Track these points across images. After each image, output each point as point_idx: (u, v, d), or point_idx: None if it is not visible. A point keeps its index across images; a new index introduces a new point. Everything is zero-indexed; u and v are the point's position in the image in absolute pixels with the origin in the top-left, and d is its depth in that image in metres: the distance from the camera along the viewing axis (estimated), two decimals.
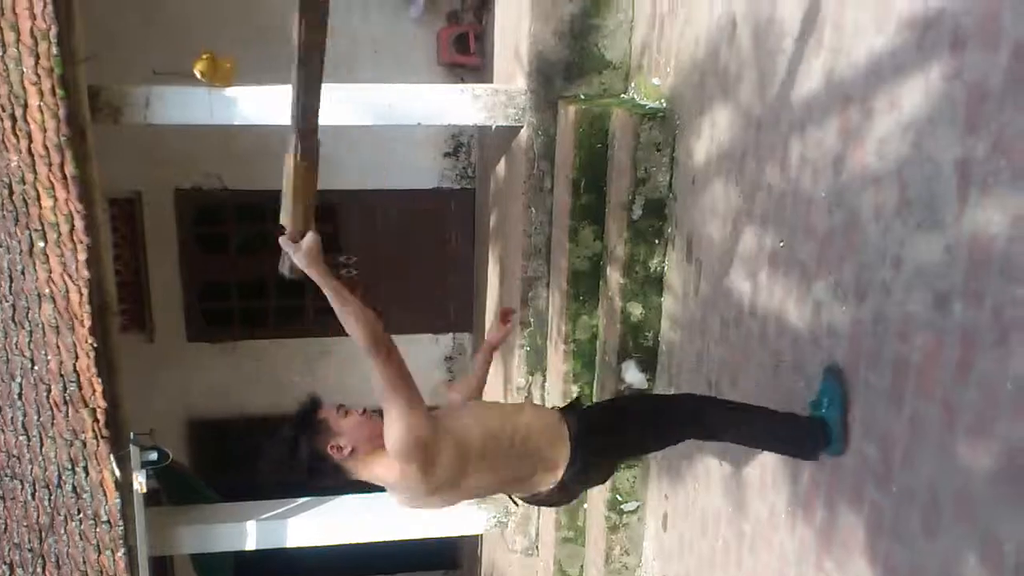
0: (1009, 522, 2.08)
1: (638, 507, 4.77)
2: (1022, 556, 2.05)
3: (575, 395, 2.89)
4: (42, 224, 4.71)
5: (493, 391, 6.76)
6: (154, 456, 4.91)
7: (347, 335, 2.40)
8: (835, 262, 2.83)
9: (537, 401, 5.59)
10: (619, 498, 4.75)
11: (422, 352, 7.92)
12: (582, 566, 5.29)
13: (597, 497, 4.97)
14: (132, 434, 4.90)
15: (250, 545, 5.71)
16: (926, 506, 2.40)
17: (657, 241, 4.40)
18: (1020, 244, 2.05)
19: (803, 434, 2.82)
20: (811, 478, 3.00)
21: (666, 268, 4.42)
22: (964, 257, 2.24)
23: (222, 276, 7.57)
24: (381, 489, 5.90)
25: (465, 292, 7.76)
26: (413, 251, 7.67)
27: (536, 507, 5.74)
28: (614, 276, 4.57)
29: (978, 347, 2.19)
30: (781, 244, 3.17)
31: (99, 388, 4.79)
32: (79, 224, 4.66)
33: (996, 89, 2.13)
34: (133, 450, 4.84)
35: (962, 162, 2.25)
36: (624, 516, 4.77)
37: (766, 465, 3.35)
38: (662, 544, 4.56)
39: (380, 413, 2.49)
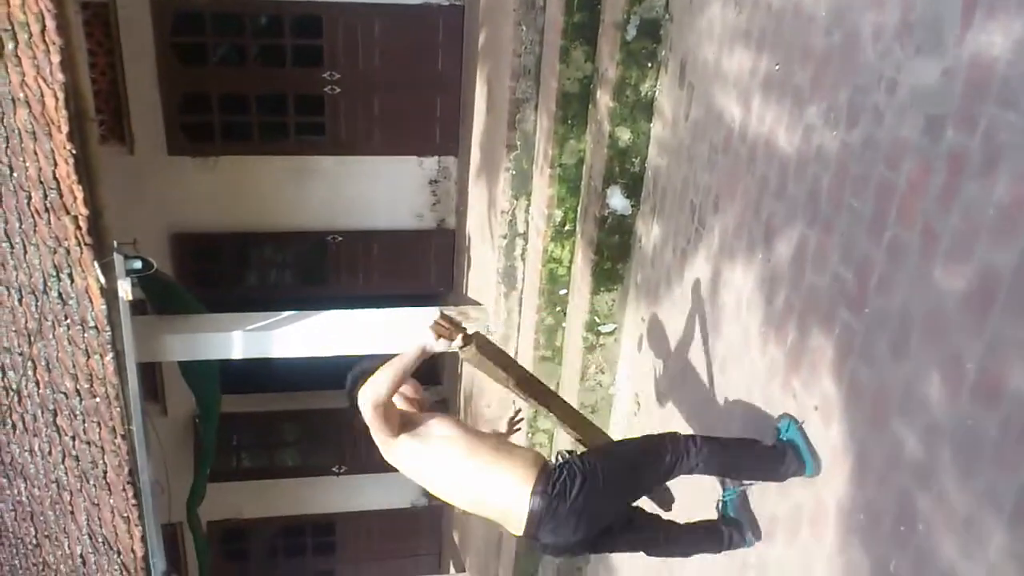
0: (973, 342, 2.16)
1: (615, 329, 4.90)
2: (981, 375, 2.14)
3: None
4: (11, 23, 4.50)
5: (478, 220, 6.77)
6: (138, 265, 4.93)
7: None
8: (829, 86, 2.78)
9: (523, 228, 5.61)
10: (597, 320, 4.87)
11: (407, 175, 7.87)
12: (558, 383, 5.49)
13: (576, 319, 5.09)
14: (115, 243, 4.90)
15: (236, 354, 5.86)
16: (896, 328, 2.48)
17: (650, 64, 4.29)
18: (1019, 68, 2.02)
19: (776, 457, 2.94)
20: (786, 300, 3.08)
21: (657, 92, 4.33)
22: (961, 81, 2.21)
23: (202, 88, 7.36)
24: (364, 304, 6.04)
25: (452, 114, 7.61)
26: (399, 70, 7.45)
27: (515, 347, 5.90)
28: (604, 100, 4.48)
29: (965, 173, 2.20)
30: (776, 67, 3.10)
31: (80, 195, 4.74)
32: (50, 24, 4.46)
33: None
34: (117, 258, 4.85)
35: None
36: (601, 337, 4.91)
37: (742, 291, 3.42)
38: (637, 364, 4.72)
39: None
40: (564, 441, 5.31)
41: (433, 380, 9.45)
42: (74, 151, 4.66)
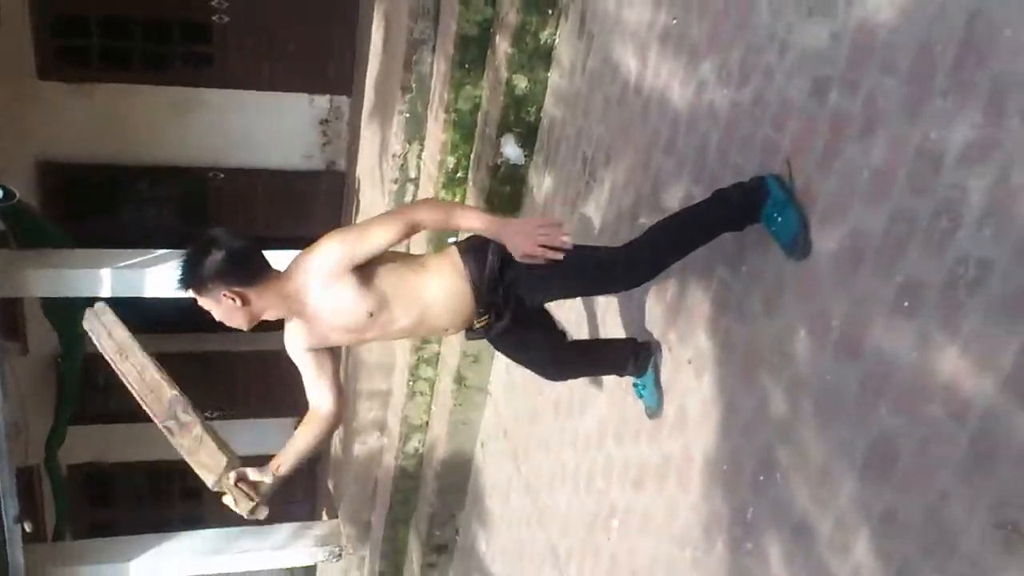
0: (839, 299, 2.24)
1: None
2: (845, 331, 2.23)
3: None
4: None
5: (368, 163, 6.62)
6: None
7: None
8: (724, 43, 2.81)
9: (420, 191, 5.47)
10: None
11: (296, 114, 7.62)
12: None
13: None
14: None
15: (104, 292, 5.56)
16: (770, 286, 2.55)
17: (551, 11, 4.24)
18: (901, 35, 2.08)
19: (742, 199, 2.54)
20: None
21: (557, 41, 4.29)
22: (848, 45, 2.26)
23: (79, 9, 6.89)
24: None
25: (346, 51, 7.38)
26: (293, 2, 7.16)
27: None
28: (503, 45, 4.41)
29: (845, 136, 2.25)
30: (674, 21, 3.11)
31: None
32: None
33: None
34: None
35: None
36: None
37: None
38: None
39: None
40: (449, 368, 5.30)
41: None
42: None
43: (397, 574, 6.40)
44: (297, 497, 9.63)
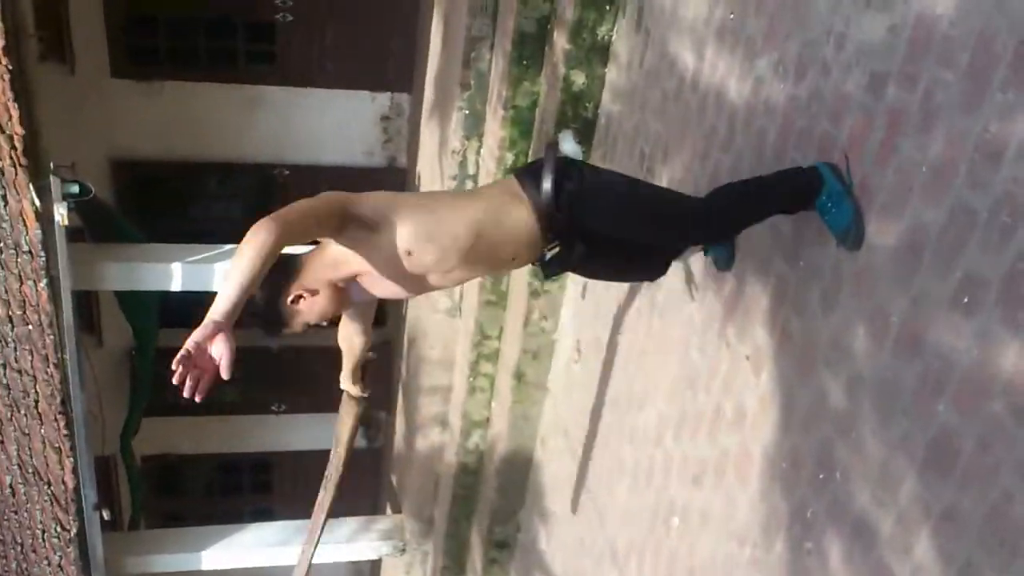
0: (899, 296, 2.22)
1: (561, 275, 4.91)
2: (903, 327, 2.20)
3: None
4: None
5: (428, 160, 6.70)
6: (76, 189, 4.78)
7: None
8: (781, 38, 2.79)
9: (475, 174, 5.50)
10: None
11: (359, 110, 7.75)
12: (502, 328, 5.51)
13: None
14: (52, 164, 4.75)
15: (175, 287, 5.74)
16: (828, 281, 2.53)
17: (608, 7, 4.24)
18: (960, 28, 2.04)
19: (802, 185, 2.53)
20: None
21: (614, 36, 4.29)
22: (906, 39, 2.23)
23: (149, 9, 7.12)
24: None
25: (407, 49, 7.48)
26: (354, 1, 7.28)
27: None
28: (560, 41, 4.43)
29: (903, 131, 2.23)
30: (731, 16, 3.10)
31: (15, 113, 4.56)
32: None
33: None
34: (54, 181, 4.69)
35: None
36: (545, 283, 4.93)
37: None
38: (579, 310, 4.76)
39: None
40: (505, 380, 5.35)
41: (378, 321, 9.41)
42: (10, 67, 4.48)
43: (460, 569, 6.47)
44: (361, 491, 9.80)
